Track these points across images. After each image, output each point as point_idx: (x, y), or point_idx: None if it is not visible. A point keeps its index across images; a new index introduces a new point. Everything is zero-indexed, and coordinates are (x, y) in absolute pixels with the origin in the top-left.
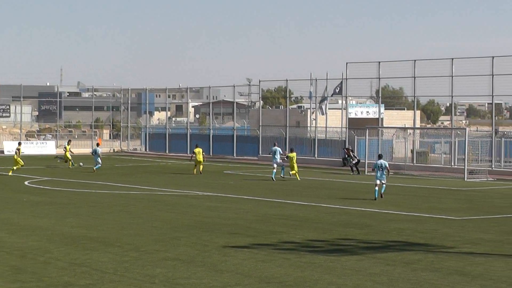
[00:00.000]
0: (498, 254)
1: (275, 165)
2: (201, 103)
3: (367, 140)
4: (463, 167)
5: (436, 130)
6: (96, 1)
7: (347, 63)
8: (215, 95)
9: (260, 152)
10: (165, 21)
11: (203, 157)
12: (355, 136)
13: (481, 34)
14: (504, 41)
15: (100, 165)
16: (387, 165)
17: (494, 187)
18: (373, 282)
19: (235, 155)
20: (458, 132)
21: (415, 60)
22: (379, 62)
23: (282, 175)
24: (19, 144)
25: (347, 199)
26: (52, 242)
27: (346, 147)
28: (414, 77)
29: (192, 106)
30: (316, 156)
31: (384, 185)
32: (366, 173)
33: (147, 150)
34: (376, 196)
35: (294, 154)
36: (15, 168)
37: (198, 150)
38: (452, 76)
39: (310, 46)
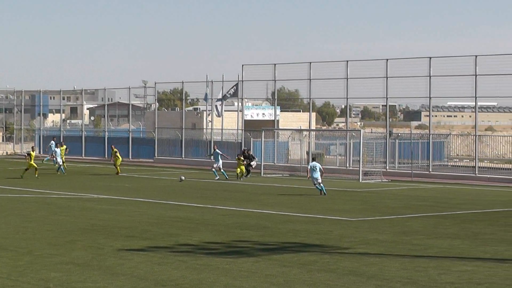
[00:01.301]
0: (392, 254)
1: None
2: (96, 105)
3: (263, 142)
4: (358, 168)
5: (331, 132)
6: None
7: (243, 65)
8: (110, 97)
9: (156, 155)
10: (57, 21)
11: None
12: (251, 138)
13: (375, 36)
14: (397, 44)
15: None
16: (321, 167)
17: (388, 188)
18: (270, 283)
19: (130, 157)
20: (353, 133)
21: (310, 63)
22: (275, 64)
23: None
24: (33, 149)
25: (244, 200)
26: None
27: (243, 148)
28: (310, 79)
29: (87, 108)
30: (212, 158)
31: (321, 184)
32: (262, 175)
33: (42, 153)
34: (321, 190)
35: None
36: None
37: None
38: (347, 79)
39: (206, 48)
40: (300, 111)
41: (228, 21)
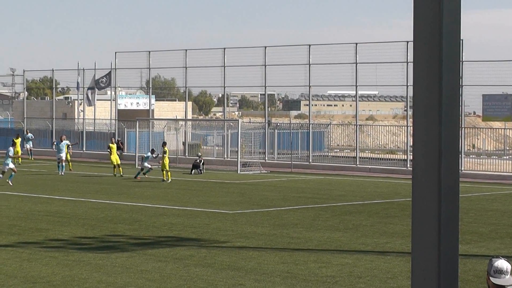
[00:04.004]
0: (271, 247)
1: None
2: None
3: (137, 132)
4: (236, 159)
5: (208, 121)
6: None
7: (116, 53)
8: None
9: (24, 146)
10: None
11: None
12: (125, 128)
13: (252, 24)
14: (276, 31)
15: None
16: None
17: (267, 180)
18: (145, 279)
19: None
20: (231, 123)
21: (186, 50)
22: (149, 52)
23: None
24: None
25: (116, 193)
26: None
27: (117, 139)
28: (186, 67)
29: None
30: (84, 149)
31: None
32: (136, 166)
33: None
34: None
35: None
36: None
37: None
38: (224, 66)
39: (77, 35)
40: (176, 100)
41: (100, 6)
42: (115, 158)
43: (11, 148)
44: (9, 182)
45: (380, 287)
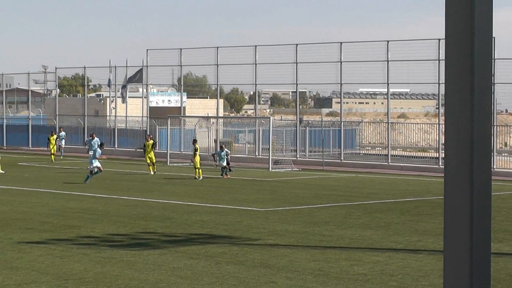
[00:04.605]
0: (303, 245)
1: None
2: None
3: (169, 129)
4: (268, 157)
5: (239, 119)
6: None
7: (147, 50)
8: (8, 83)
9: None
10: None
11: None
12: (157, 126)
13: (284, 22)
14: (307, 29)
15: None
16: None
17: (298, 177)
18: (176, 276)
19: (30, 145)
20: (262, 121)
21: (217, 47)
22: (181, 49)
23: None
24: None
25: (148, 191)
26: None
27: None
28: (217, 65)
29: None
30: (116, 146)
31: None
32: (168, 163)
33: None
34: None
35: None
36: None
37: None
38: (255, 64)
39: (109, 32)
40: (207, 98)
41: (132, 3)
42: (150, 156)
43: (98, 149)
44: (88, 180)
45: (412, 285)
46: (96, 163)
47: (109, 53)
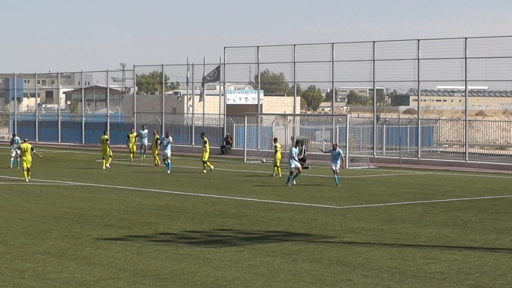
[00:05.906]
0: (379, 243)
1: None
2: (72, 89)
3: (246, 127)
4: (345, 154)
5: (316, 116)
6: None
7: (224, 48)
8: (87, 80)
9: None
10: (32, 2)
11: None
12: (234, 123)
13: (361, 19)
14: (384, 26)
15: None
16: (342, 155)
17: (375, 175)
18: (253, 274)
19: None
20: (339, 118)
21: (294, 45)
22: (258, 47)
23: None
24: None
25: (225, 188)
26: None
27: (226, 134)
28: (294, 62)
29: (63, 92)
30: (193, 144)
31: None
32: (245, 161)
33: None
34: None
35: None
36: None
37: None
38: (332, 62)
39: (186, 30)
40: (284, 95)
41: (210, 2)
42: (206, 155)
43: (295, 149)
44: (290, 183)
45: (489, 284)
46: (296, 163)
47: (187, 51)
